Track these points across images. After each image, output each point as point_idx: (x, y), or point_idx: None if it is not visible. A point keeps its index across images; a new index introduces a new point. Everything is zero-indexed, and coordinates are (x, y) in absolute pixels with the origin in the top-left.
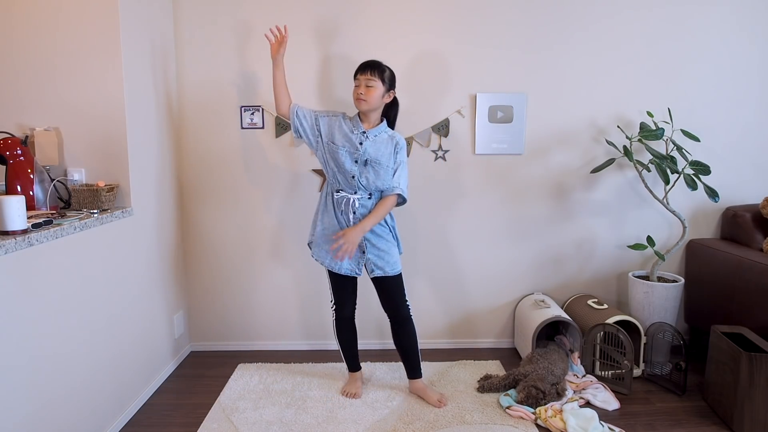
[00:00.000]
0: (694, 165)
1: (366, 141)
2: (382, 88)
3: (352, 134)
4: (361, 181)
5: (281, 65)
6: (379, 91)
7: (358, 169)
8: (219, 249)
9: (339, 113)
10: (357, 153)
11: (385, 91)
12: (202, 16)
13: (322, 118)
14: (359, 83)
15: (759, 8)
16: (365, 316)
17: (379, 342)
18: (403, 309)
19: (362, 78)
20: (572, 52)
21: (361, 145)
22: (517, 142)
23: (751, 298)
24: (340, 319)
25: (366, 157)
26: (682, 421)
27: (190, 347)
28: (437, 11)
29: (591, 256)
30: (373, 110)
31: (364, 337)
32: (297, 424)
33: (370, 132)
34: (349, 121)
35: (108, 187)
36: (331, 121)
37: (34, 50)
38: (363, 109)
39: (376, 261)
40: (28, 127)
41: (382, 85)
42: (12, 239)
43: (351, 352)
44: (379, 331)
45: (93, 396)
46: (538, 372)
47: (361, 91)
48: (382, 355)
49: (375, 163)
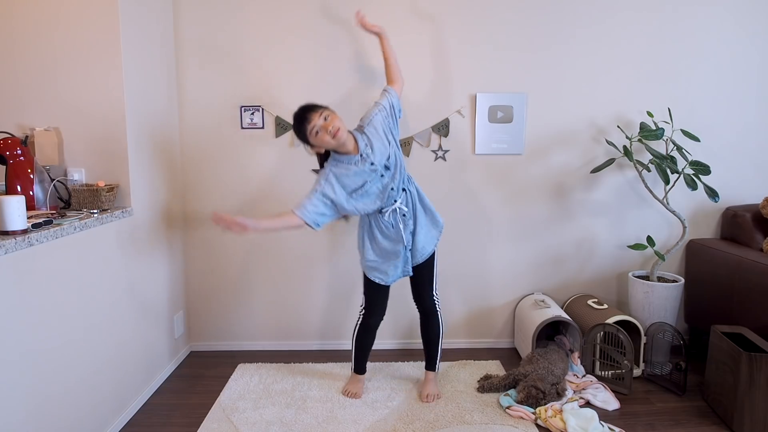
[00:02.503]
0: (694, 165)
1: (369, 157)
2: (333, 111)
3: (358, 166)
4: (396, 184)
5: (257, 223)
6: (337, 115)
7: (388, 176)
8: (219, 249)
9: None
10: (376, 171)
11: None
12: (202, 15)
13: (328, 186)
14: (314, 128)
15: (759, 8)
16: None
17: (381, 342)
18: (428, 301)
19: (317, 121)
20: (572, 52)
21: (373, 165)
22: (517, 142)
23: (751, 298)
24: (365, 325)
25: (383, 164)
26: (682, 421)
27: (189, 347)
28: (437, 11)
29: (591, 256)
30: (349, 135)
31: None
32: (297, 424)
33: (362, 150)
34: (340, 164)
35: (108, 187)
36: (332, 180)
37: (34, 50)
38: (343, 138)
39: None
40: (28, 127)
41: (330, 109)
42: (12, 239)
43: (363, 356)
44: (384, 331)
45: (93, 396)
46: (538, 372)
47: (330, 127)
48: (383, 355)
49: (390, 159)
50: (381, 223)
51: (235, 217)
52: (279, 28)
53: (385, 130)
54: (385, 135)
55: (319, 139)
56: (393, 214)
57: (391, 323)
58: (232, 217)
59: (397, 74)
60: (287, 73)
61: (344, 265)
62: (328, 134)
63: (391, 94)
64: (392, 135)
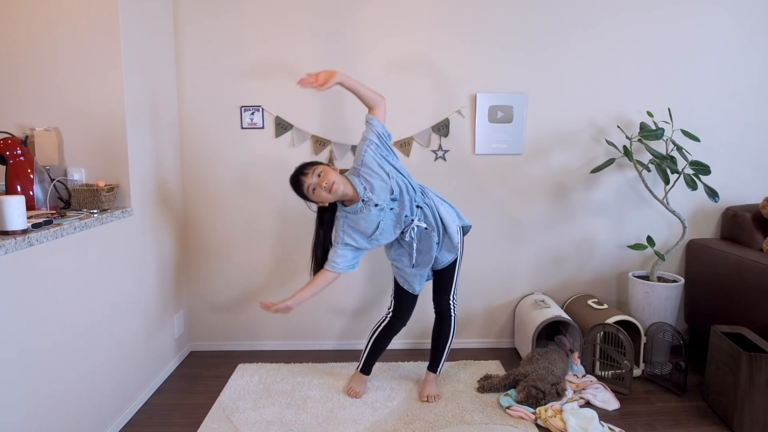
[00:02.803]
0: (694, 165)
1: (372, 199)
2: (326, 165)
3: (364, 213)
4: (407, 209)
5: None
6: (330, 168)
7: (398, 207)
8: (219, 249)
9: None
10: (384, 209)
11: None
12: (202, 15)
13: (347, 235)
14: (311, 186)
15: (759, 8)
16: (375, 317)
17: None
18: (444, 305)
19: (311, 179)
20: (572, 52)
21: (377, 206)
22: (517, 142)
23: (751, 298)
24: (389, 328)
25: (387, 199)
26: (682, 421)
27: (190, 347)
28: (437, 11)
29: (591, 256)
30: (346, 184)
31: (361, 338)
32: (297, 424)
33: (362, 195)
34: (348, 215)
35: (108, 187)
36: (348, 231)
37: (34, 50)
38: (342, 190)
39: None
40: (28, 127)
41: (323, 164)
42: (12, 239)
43: (375, 357)
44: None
45: (93, 396)
46: (538, 372)
47: (325, 183)
48: (384, 355)
49: (394, 194)
50: (404, 243)
51: (278, 303)
52: (279, 28)
53: (380, 163)
54: (381, 169)
55: (317, 195)
56: (412, 231)
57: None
58: (276, 304)
59: (374, 99)
60: (287, 73)
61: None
62: (324, 190)
63: (374, 125)
64: (389, 164)
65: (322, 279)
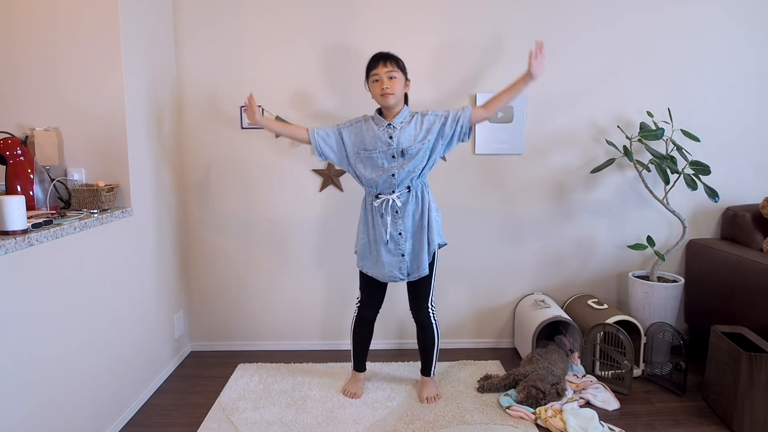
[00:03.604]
0: (694, 165)
1: (394, 132)
2: (402, 78)
3: (379, 131)
4: (401, 175)
5: (268, 121)
6: (402, 82)
7: (397, 162)
8: (219, 249)
9: (360, 118)
10: (391, 148)
11: (405, 81)
12: (202, 16)
13: (346, 130)
14: (379, 77)
15: (759, 8)
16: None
17: (381, 342)
18: (422, 314)
19: (382, 71)
20: (572, 52)
21: (391, 138)
22: (517, 142)
23: (751, 298)
24: (360, 318)
25: (401, 147)
26: (682, 421)
27: (190, 347)
28: (437, 11)
29: (591, 256)
30: (398, 102)
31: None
32: (297, 424)
33: (395, 121)
34: (371, 120)
35: (108, 187)
36: (355, 129)
37: (34, 50)
38: (390, 103)
39: (411, 264)
40: (28, 127)
41: (402, 74)
42: (12, 239)
43: (361, 353)
44: (384, 332)
45: (93, 396)
46: (538, 372)
47: (386, 86)
48: (383, 355)
49: (410, 149)
50: (374, 209)
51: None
52: (279, 28)
53: (431, 130)
54: (426, 132)
55: (372, 86)
56: (385, 204)
57: (389, 323)
58: (254, 105)
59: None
60: (287, 73)
61: (344, 265)
62: (380, 89)
63: (464, 112)
64: (434, 139)
65: (297, 130)
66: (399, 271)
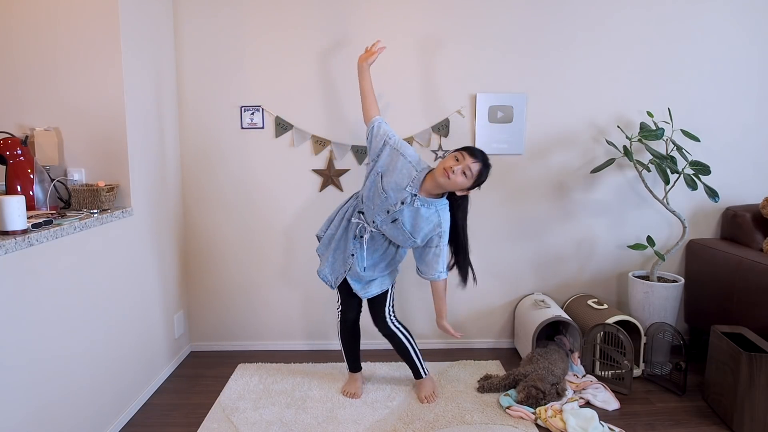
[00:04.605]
0: (694, 165)
1: (408, 205)
2: (470, 183)
3: (404, 189)
4: (380, 227)
5: (367, 74)
6: (466, 184)
7: (385, 218)
8: (219, 249)
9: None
10: (392, 208)
11: (468, 189)
12: (202, 15)
13: (391, 149)
14: (461, 161)
15: (759, 8)
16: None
17: (381, 342)
18: (380, 325)
19: (468, 161)
20: (572, 52)
21: (402, 204)
22: (517, 142)
23: (751, 298)
24: (343, 321)
25: (397, 217)
26: (682, 421)
27: (190, 347)
28: (437, 11)
29: (591, 256)
30: (443, 190)
31: (365, 337)
32: (297, 424)
33: (420, 199)
34: (414, 172)
35: (108, 187)
36: (396, 157)
37: (34, 50)
38: (440, 182)
39: (349, 280)
40: (28, 127)
41: (474, 182)
42: (12, 239)
43: (352, 354)
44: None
45: (93, 396)
46: (538, 372)
47: (455, 169)
48: (383, 355)
49: (401, 227)
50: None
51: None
52: (279, 28)
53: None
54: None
55: (448, 160)
56: (359, 227)
57: None
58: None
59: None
60: (287, 72)
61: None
62: (449, 169)
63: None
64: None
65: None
66: (334, 278)
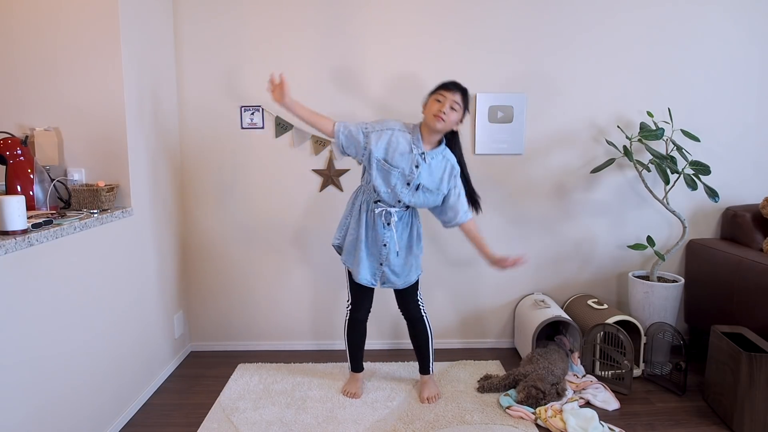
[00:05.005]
0: (694, 165)
1: (423, 164)
2: (461, 114)
3: (411, 154)
4: (409, 202)
5: (294, 103)
6: (458, 117)
7: (408, 191)
8: (219, 249)
9: (394, 125)
10: (411, 176)
11: (461, 119)
12: (202, 15)
13: (376, 134)
14: (443, 100)
15: (759, 8)
16: (374, 317)
17: (381, 342)
18: (412, 310)
19: (449, 97)
20: (572, 53)
21: (417, 168)
22: (517, 142)
23: (751, 298)
24: (353, 320)
25: (419, 182)
26: (682, 421)
27: (190, 347)
28: (438, 11)
29: (591, 256)
30: (442, 132)
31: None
32: (297, 424)
33: (429, 154)
34: (409, 135)
35: (108, 187)
36: (385, 136)
37: (34, 50)
38: (438, 128)
39: (389, 276)
40: (28, 127)
41: (462, 112)
42: (12, 239)
43: (357, 353)
44: (382, 331)
45: (93, 396)
46: (538, 372)
47: (444, 110)
48: (383, 355)
49: (426, 189)
50: (371, 214)
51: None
52: (279, 28)
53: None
54: (440, 182)
55: (431, 103)
56: (385, 214)
57: (389, 323)
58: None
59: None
60: (287, 72)
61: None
62: (439, 113)
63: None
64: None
65: (323, 120)
66: (373, 277)
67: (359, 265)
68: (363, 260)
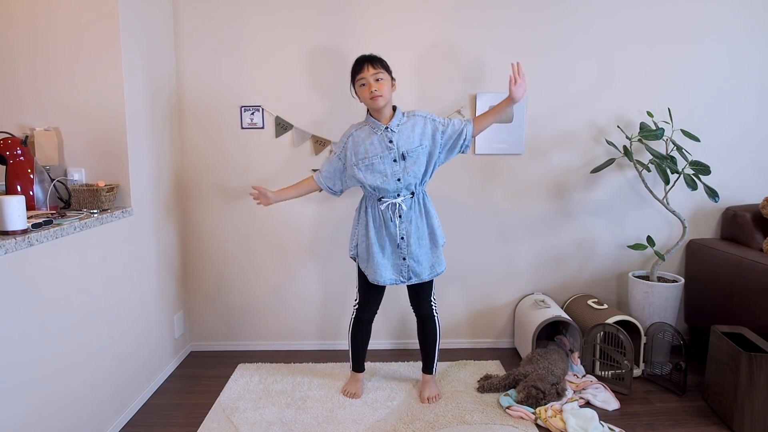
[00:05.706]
0: (694, 165)
1: (394, 135)
2: (389, 78)
3: (378, 136)
4: (405, 179)
5: (280, 194)
6: (389, 82)
7: (400, 166)
8: (219, 249)
9: (349, 130)
10: (392, 152)
11: (391, 81)
12: (201, 15)
13: (342, 148)
14: (366, 81)
15: (759, 8)
16: (379, 313)
17: (381, 342)
18: (425, 309)
19: (368, 74)
20: (572, 52)
21: (391, 142)
22: (517, 142)
23: (751, 298)
24: (359, 320)
25: (401, 150)
26: (682, 421)
27: (190, 347)
28: (437, 11)
29: (591, 256)
30: (388, 104)
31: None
32: (297, 424)
33: (392, 124)
34: (365, 126)
35: (108, 187)
36: (350, 142)
37: (34, 50)
38: (381, 105)
39: (415, 267)
40: (28, 127)
41: (388, 75)
42: (12, 239)
43: (360, 353)
44: (383, 331)
45: (93, 396)
46: (538, 372)
47: (374, 88)
48: (383, 355)
49: (411, 153)
50: (377, 212)
51: (264, 190)
52: (279, 28)
53: (427, 134)
54: (422, 136)
55: (360, 91)
56: (391, 207)
57: (389, 323)
58: (262, 191)
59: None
60: (287, 72)
61: (344, 265)
62: (372, 94)
63: (467, 126)
64: (430, 144)
65: (305, 185)
66: (400, 274)
67: (377, 268)
68: (379, 262)
